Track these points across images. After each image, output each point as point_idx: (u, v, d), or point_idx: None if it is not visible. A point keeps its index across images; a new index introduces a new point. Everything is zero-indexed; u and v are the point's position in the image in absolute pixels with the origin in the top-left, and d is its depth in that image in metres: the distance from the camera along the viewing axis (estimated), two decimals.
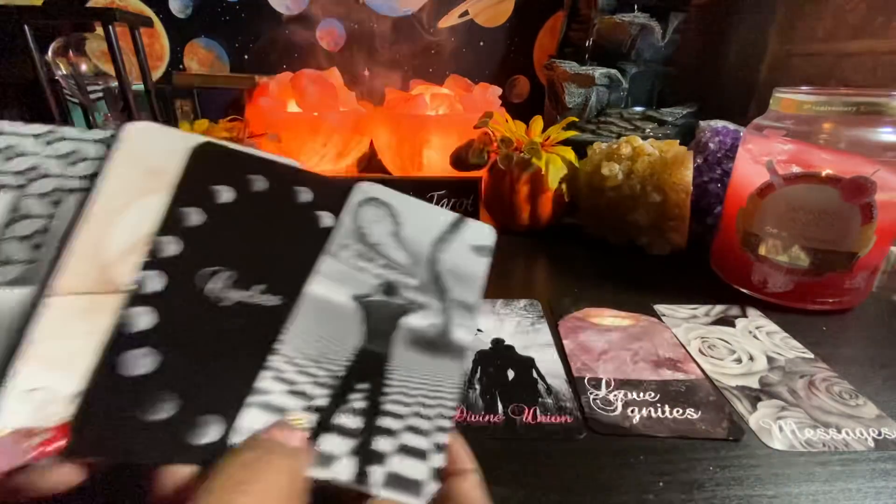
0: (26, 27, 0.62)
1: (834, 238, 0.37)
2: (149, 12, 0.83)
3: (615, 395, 0.30)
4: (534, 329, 0.37)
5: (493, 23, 0.85)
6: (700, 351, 0.34)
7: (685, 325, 0.38)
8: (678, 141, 0.52)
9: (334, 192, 0.21)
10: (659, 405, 0.29)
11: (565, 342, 0.35)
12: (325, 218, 0.21)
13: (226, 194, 0.19)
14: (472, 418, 0.28)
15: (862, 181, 0.34)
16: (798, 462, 0.25)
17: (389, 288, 0.21)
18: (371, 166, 0.80)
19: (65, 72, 0.67)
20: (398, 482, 0.17)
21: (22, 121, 0.20)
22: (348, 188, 0.22)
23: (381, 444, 0.18)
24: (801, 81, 0.62)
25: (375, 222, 0.21)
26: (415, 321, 0.21)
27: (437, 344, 0.20)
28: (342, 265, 0.20)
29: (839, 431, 0.27)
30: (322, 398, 0.18)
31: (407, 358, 0.20)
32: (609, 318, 0.39)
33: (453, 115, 0.67)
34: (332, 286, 0.20)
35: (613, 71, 0.67)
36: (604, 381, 0.31)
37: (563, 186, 0.54)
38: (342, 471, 0.17)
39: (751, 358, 0.34)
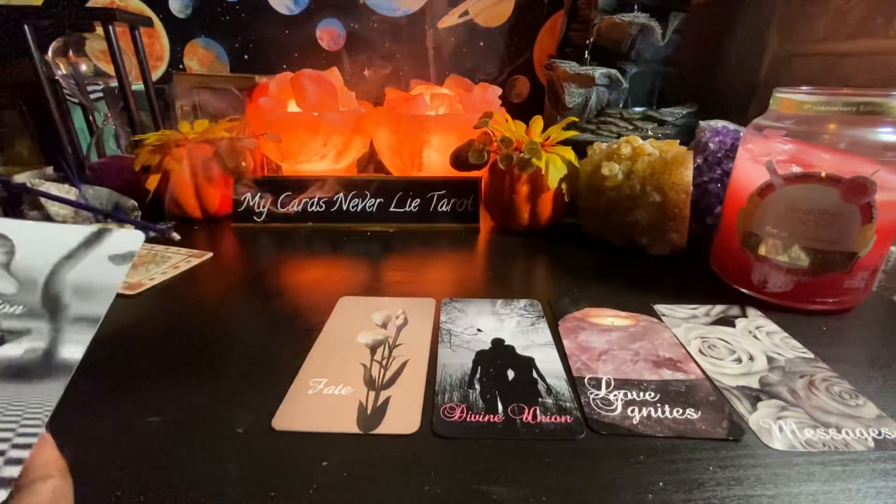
0: (26, 27, 0.62)
1: (834, 238, 0.37)
2: (149, 12, 0.83)
3: (615, 395, 0.30)
4: (534, 329, 0.37)
5: (493, 23, 0.85)
6: (700, 351, 0.34)
7: (685, 325, 0.38)
8: (678, 141, 0.52)
9: None
10: (659, 405, 0.29)
11: (565, 342, 0.35)
12: None
13: None
14: (472, 418, 0.28)
15: (862, 181, 0.34)
16: (798, 462, 0.25)
17: None
18: (371, 166, 0.80)
19: (65, 72, 0.67)
20: None
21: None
22: None
23: None
24: (801, 81, 0.62)
25: None
26: (6, 351, 0.19)
27: (31, 368, 0.19)
28: None
29: (839, 431, 0.27)
30: None
31: None
32: (609, 318, 0.39)
33: (453, 115, 0.67)
34: None
35: (613, 71, 0.67)
36: (604, 381, 0.31)
37: (563, 186, 0.54)
38: None
39: (751, 358, 0.34)
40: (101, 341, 0.17)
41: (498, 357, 0.33)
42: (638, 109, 0.68)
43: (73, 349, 0.20)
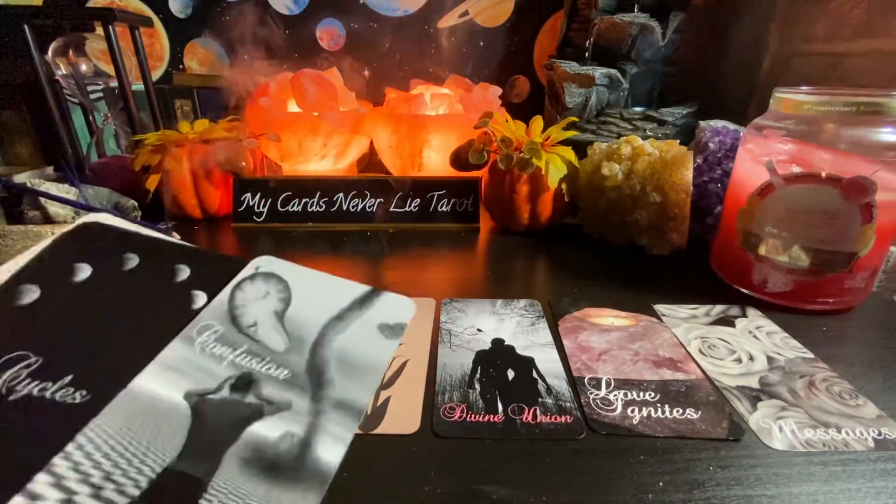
0: (26, 27, 0.62)
1: (834, 238, 0.37)
2: (149, 12, 0.83)
3: (615, 395, 0.30)
4: (534, 329, 0.37)
5: (493, 23, 0.85)
6: (700, 351, 0.34)
7: (685, 325, 0.38)
8: (678, 141, 0.52)
9: (221, 268, 0.18)
10: (659, 405, 0.29)
11: (565, 342, 0.35)
12: (200, 297, 0.18)
13: (82, 273, 0.17)
14: (472, 418, 0.28)
15: (862, 181, 0.34)
16: (798, 462, 0.25)
17: (243, 381, 0.16)
18: (371, 166, 0.80)
19: (65, 72, 0.67)
20: None
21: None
22: (240, 263, 0.19)
23: None
24: (802, 81, 0.62)
25: (258, 300, 0.18)
26: (263, 429, 0.16)
27: (283, 467, 0.15)
28: (189, 350, 0.16)
29: (839, 431, 0.27)
30: None
31: (233, 485, 0.14)
32: (609, 318, 0.39)
33: (453, 115, 0.67)
34: (165, 377, 0.15)
35: (613, 71, 0.67)
36: (604, 381, 0.31)
37: (563, 186, 0.54)
38: None
39: (751, 358, 0.34)
40: None
41: (498, 357, 0.33)
42: (638, 109, 0.68)
43: (333, 448, 0.17)
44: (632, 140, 0.52)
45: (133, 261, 0.17)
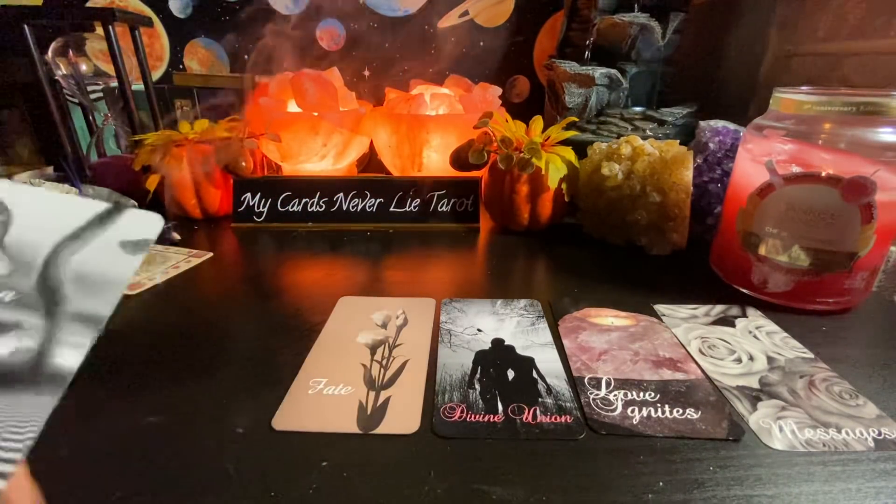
0: (26, 27, 0.62)
1: (834, 238, 0.37)
2: (149, 12, 0.83)
3: (615, 395, 0.30)
4: (534, 329, 0.37)
5: (493, 23, 0.85)
6: (700, 351, 0.34)
7: (685, 325, 0.38)
8: (678, 141, 0.52)
9: None
10: (659, 405, 0.29)
11: (565, 342, 0.35)
12: None
13: None
14: (472, 418, 0.28)
15: (862, 181, 0.34)
16: (798, 462, 0.25)
17: None
18: (371, 166, 0.80)
19: (65, 72, 0.67)
20: None
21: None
22: None
23: None
24: (801, 81, 0.62)
25: None
26: None
27: (18, 377, 0.16)
28: None
29: (839, 431, 0.27)
30: None
31: None
32: (609, 318, 0.39)
33: (453, 115, 0.67)
34: None
35: (613, 71, 0.67)
36: (604, 381, 0.31)
37: (563, 186, 0.54)
38: None
39: (751, 358, 0.34)
40: (100, 340, 0.17)
41: (498, 357, 0.33)
42: (638, 109, 0.68)
43: (70, 355, 0.17)
44: (632, 140, 0.52)
45: None
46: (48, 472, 0.17)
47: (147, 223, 0.19)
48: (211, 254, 0.51)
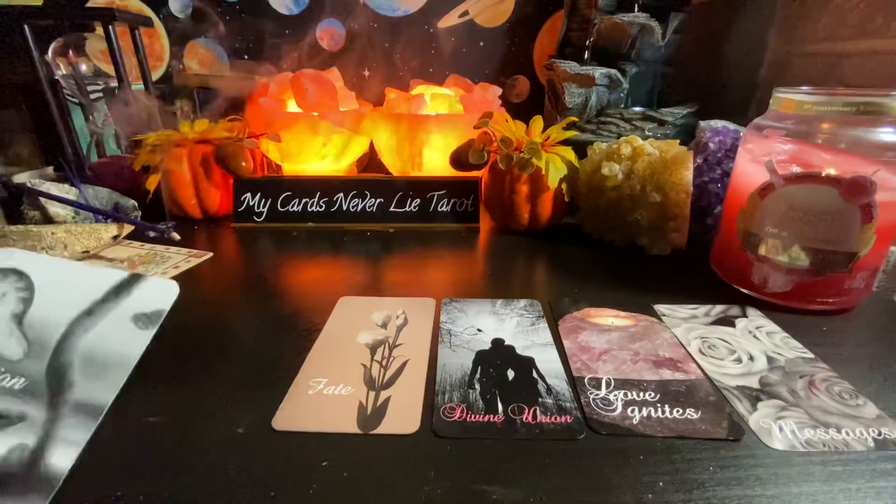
0: (26, 27, 0.62)
1: (834, 238, 0.37)
2: (149, 12, 0.83)
3: (615, 395, 0.30)
4: (534, 329, 0.37)
5: (493, 23, 0.85)
6: (700, 351, 0.34)
7: (685, 325, 0.38)
8: (678, 141, 0.52)
9: None
10: (659, 405, 0.29)
11: (565, 342, 0.35)
12: None
13: None
14: (472, 418, 0.28)
15: (862, 181, 0.34)
16: (798, 462, 0.25)
17: None
18: (371, 166, 0.80)
19: (65, 72, 0.67)
20: None
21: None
22: None
23: None
24: (801, 81, 0.62)
25: None
26: None
27: (12, 480, 0.15)
28: None
29: (839, 431, 0.27)
30: None
31: None
32: (609, 318, 0.39)
33: (453, 115, 0.67)
34: None
35: (613, 71, 0.67)
36: (604, 381, 0.31)
37: (563, 186, 0.54)
38: None
39: (751, 358, 0.34)
40: None
41: (498, 357, 0.33)
42: (638, 109, 0.68)
43: (65, 454, 0.16)
44: (632, 140, 0.52)
45: None
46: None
47: (162, 293, 0.19)
48: (211, 254, 0.51)
